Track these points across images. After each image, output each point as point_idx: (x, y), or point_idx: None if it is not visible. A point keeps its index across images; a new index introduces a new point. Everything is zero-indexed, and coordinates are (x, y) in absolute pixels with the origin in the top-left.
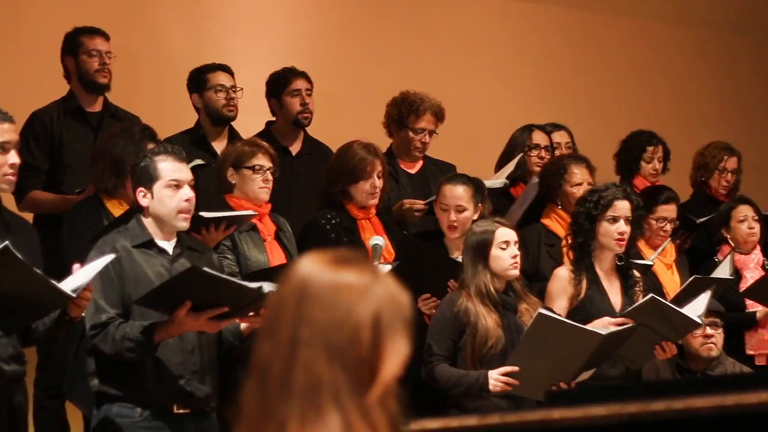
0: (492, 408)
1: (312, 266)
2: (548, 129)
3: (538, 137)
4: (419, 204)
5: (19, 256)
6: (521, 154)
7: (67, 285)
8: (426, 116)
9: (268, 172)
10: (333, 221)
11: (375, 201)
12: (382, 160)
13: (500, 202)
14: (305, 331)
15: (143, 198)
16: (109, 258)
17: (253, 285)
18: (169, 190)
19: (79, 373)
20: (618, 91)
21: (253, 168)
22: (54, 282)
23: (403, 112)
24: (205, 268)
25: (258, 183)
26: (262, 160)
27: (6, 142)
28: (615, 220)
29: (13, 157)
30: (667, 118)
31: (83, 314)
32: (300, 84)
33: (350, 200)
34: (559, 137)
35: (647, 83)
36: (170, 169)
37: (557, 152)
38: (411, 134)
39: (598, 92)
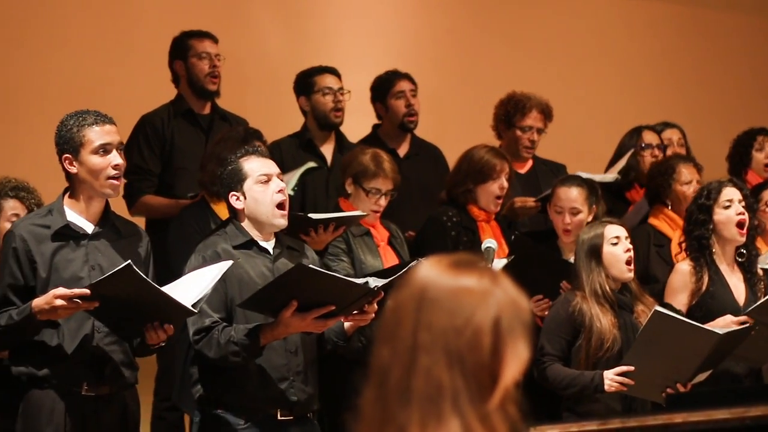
0: (605, 411)
1: (431, 271)
2: (658, 128)
3: (649, 137)
4: (530, 201)
5: (141, 274)
6: (632, 150)
7: (185, 298)
8: (532, 114)
9: (383, 197)
10: (454, 219)
11: (498, 206)
12: (510, 164)
13: (614, 204)
14: (425, 337)
15: (236, 201)
16: (226, 265)
17: (360, 281)
18: (260, 186)
19: (187, 381)
20: (732, 89)
21: (369, 191)
22: (175, 298)
23: (510, 112)
24: (311, 265)
25: (371, 206)
26: (381, 185)
27: (107, 144)
28: (729, 203)
29: (116, 158)
30: None
31: (162, 343)
32: (404, 86)
33: (473, 202)
34: (671, 134)
35: (764, 80)
36: (257, 165)
37: (669, 150)
38: (519, 132)
39: (711, 90)
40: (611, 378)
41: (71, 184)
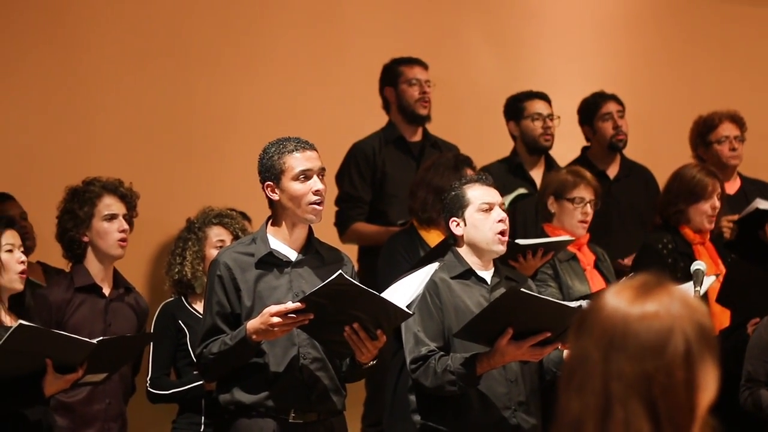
0: None
1: (615, 301)
2: None
3: None
4: (733, 217)
5: (353, 280)
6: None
7: (397, 301)
8: (723, 124)
9: (588, 205)
10: (669, 245)
11: (712, 225)
12: (721, 182)
13: None
14: (617, 388)
15: (456, 227)
16: (433, 268)
17: (573, 304)
18: (481, 214)
19: (398, 409)
20: None
21: (573, 200)
22: (391, 301)
23: (702, 132)
24: (524, 290)
25: (577, 216)
26: (583, 192)
27: (308, 170)
28: None
29: (317, 184)
30: None
31: (373, 361)
32: (611, 107)
33: (686, 223)
34: None
35: None
36: (480, 194)
37: None
38: (717, 147)
39: None
40: None
41: (274, 211)
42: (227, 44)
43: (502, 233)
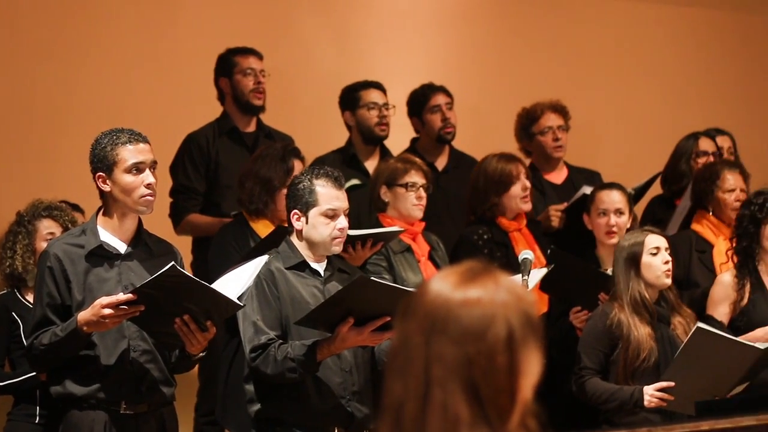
0: (643, 422)
1: (439, 285)
2: (711, 134)
3: (705, 144)
4: (561, 206)
5: (186, 272)
6: (656, 174)
7: (230, 293)
8: (546, 115)
9: (421, 189)
10: (485, 236)
11: (528, 205)
12: (522, 163)
13: (664, 213)
14: (438, 371)
15: (297, 221)
16: (262, 260)
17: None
18: (325, 219)
19: (230, 398)
20: None
21: (406, 185)
22: (223, 293)
23: (525, 124)
24: (373, 278)
25: (411, 200)
26: (415, 177)
27: (140, 162)
28: None
29: (149, 177)
30: None
31: (202, 353)
32: (439, 99)
33: (500, 214)
34: (721, 142)
35: None
36: (329, 196)
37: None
38: (540, 138)
39: (755, 97)
40: (651, 393)
41: (105, 202)
42: (59, 34)
43: (339, 238)
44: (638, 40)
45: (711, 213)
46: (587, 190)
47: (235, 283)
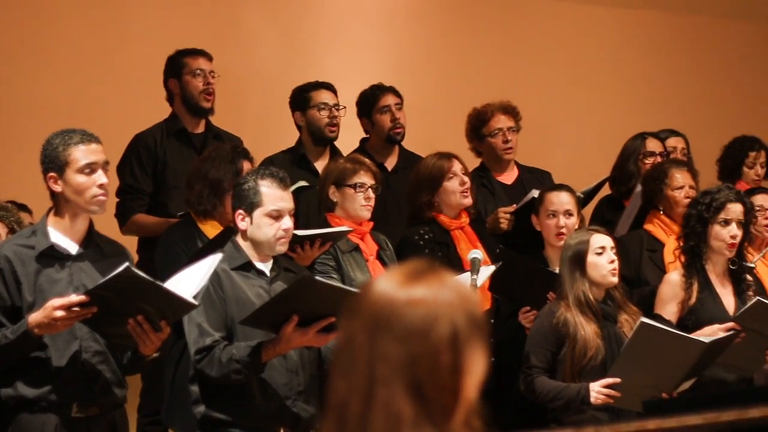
0: (591, 421)
1: (383, 285)
2: (663, 135)
3: (653, 145)
4: (510, 209)
5: (141, 273)
6: (605, 178)
7: (183, 292)
8: (495, 117)
9: (370, 189)
10: (426, 236)
11: (469, 200)
12: (458, 159)
13: (613, 213)
14: (382, 370)
15: (241, 221)
16: (217, 259)
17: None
18: (269, 219)
19: (177, 400)
20: (723, 96)
21: (354, 186)
22: (177, 293)
23: (476, 126)
24: (318, 277)
25: (360, 201)
26: (363, 178)
27: (93, 163)
28: (727, 223)
29: (101, 178)
30: None
31: (156, 353)
32: (389, 99)
33: (440, 211)
34: (675, 143)
35: (756, 87)
36: (273, 197)
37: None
38: (490, 140)
39: (709, 99)
40: (597, 390)
41: (56, 202)
42: (9, 34)
43: (283, 239)
44: (590, 42)
45: (662, 212)
46: (535, 193)
47: (188, 282)
